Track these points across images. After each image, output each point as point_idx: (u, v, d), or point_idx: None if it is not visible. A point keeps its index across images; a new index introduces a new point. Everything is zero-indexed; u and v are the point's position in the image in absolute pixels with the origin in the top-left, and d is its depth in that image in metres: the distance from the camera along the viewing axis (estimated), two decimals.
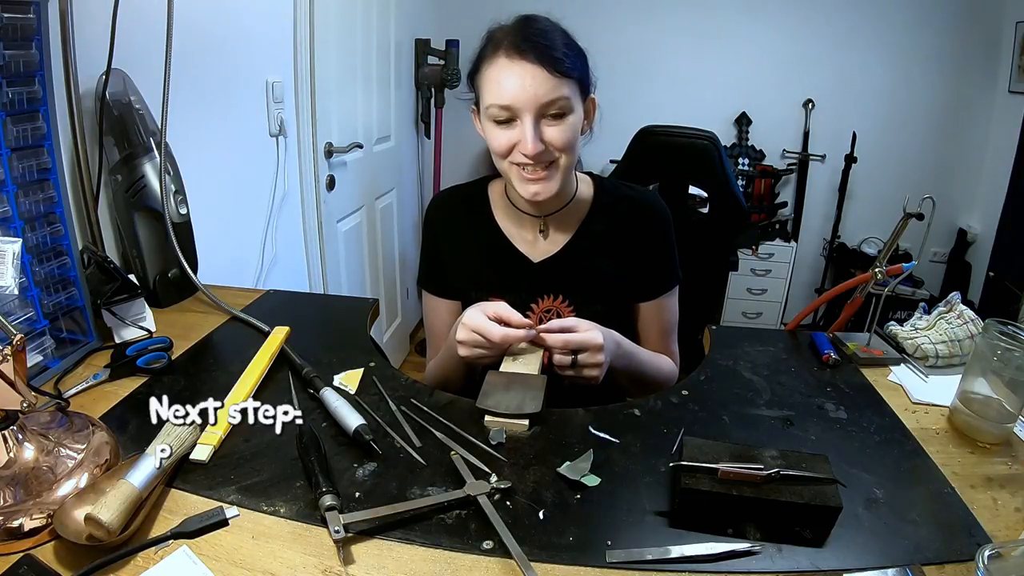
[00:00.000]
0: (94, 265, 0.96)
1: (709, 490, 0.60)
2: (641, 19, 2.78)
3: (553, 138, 0.84)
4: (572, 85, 0.83)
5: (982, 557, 0.52)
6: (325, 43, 1.80)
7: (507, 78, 0.82)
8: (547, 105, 0.82)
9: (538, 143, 0.83)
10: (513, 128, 0.84)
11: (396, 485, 0.66)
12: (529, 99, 0.81)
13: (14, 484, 0.60)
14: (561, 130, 0.84)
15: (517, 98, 0.82)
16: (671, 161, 1.70)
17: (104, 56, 1.00)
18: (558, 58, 0.81)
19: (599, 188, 1.02)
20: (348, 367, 0.89)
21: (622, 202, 1.00)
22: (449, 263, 1.03)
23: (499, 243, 1.00)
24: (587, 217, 1.00)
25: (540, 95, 0.81)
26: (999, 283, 2.48)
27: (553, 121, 0.84)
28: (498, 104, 0.83)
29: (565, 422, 0.78)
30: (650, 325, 1.05)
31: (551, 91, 0.81)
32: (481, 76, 0.86)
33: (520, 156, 0.85)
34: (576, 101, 0.85)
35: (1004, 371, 0.77)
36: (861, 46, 2.71)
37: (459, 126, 2.93)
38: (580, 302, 0.98)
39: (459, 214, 1.04)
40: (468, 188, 1.07)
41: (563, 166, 0.88)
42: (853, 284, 1.04)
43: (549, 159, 0.86)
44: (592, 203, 1.00)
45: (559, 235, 1.00)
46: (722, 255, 1.87)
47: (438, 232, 1.05)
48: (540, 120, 0.83)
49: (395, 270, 2.66)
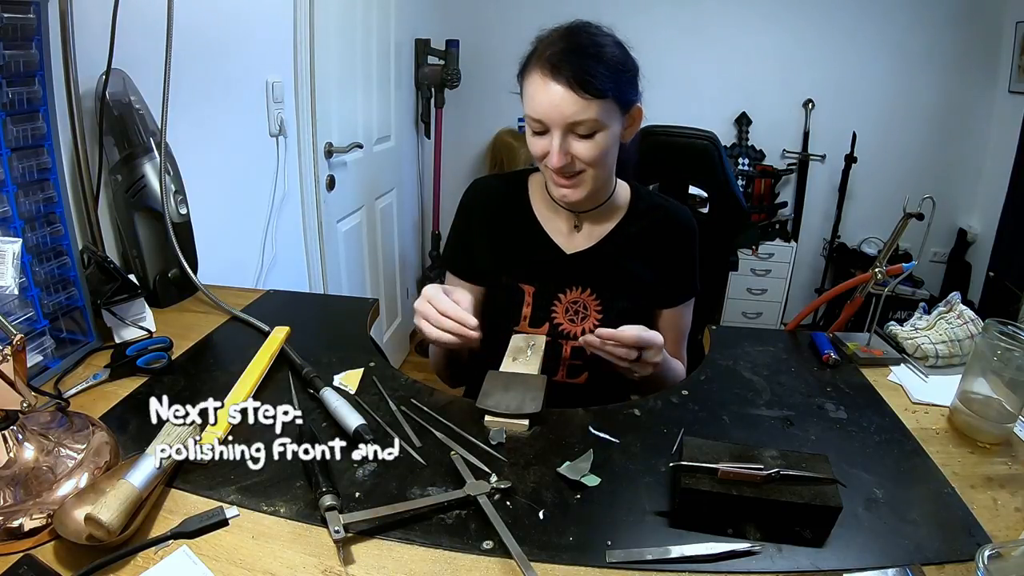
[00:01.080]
0: (94, 265, 0.96)
1: (709, 490, 0.60)
2: (641, 19, 2.77)
3: (580, 153, 0.87)
4: (605, 104, 0.85)
5: (982, 557, 0.52)
6: (325, 43, 1.80)
7: (539, 94, 0.85)
8: (575, 124, 0.85)
9: (563, 157, 0.86)
10: (544, 138, 0.88)
11: (396, 485, 0.66)
12: (557, 118, 0.84)
13: (14, 484, 0.60)
14: (589, 146, 0.86)
15: (547, 115, 0.85)
16: (671, 161, 1.70)
17: (104, 56, 1.00)
18: (590, 80, 0.82)
19: (635, 194, 1.05)
20: (348, 367, 0.89)
21: (657, 210, 1.03)
22: (481, 247, 1.05)
23: (534, 231, 1.03)
24: (623, 220, 1.03)
25: (568, 115, 0.84)
26: (999, 283, 2.48)
27: (581, 138, 0.86)
28: (531, 116, 0.87)
29: (565, 422, 0.78)
30: (667, 331, 1.06)
31: (579, 112, 0.83)
32: (524, 82, 0.89)
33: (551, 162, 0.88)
34: (610, 118, 0.86)
35: (1004, 371, 0.77)
36: (861, 46, 2.71)
37: (459, 126, 2.93)
38: (607, 297, 1.00)
39: (497, 199, 1.06)
40: (508, 177, 1.11)
41: (591, 177, 0.90)
42: (853, 284, 1.04)
43: (576, 171, 0.89)
44: (629, 207, 1.03)
45: (593, 232, 1.02)
46: (722, 255, 1.87)
47: (473, 215, 1.06)
48: (568, 135, 0.86)
49: (395, 270, 2.66)
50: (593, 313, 1.00)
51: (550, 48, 0.85)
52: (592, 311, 1.00)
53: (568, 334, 0.99)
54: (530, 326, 1.01)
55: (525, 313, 1.01)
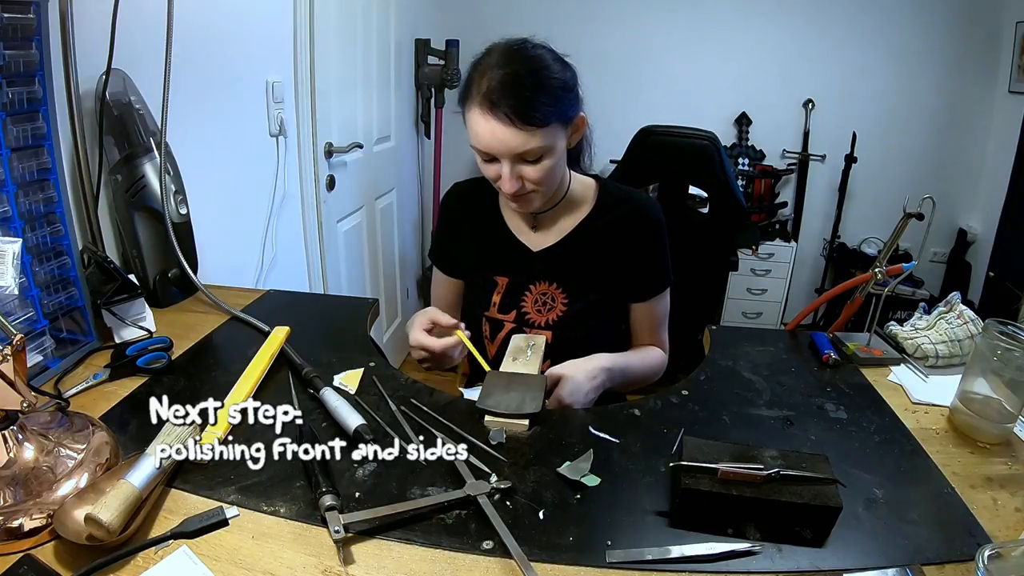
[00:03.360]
0: (94, 265, 0.96)
1: (709, 490, 0.60)
2: (641, 19, 2.78)
3: (530, 176, 0.90)
4: (548, 130, 0.87)
5: (982, 557, 0.52)
6: (325, 43, 1.80)
7: (482, 130, 0.87)
8: (521, 154, 0.87)
9: (514, 183, 0.90)
10: (494, 164, 0.90)
11: (396, 485, 0.66)
12: (502, 150, 0.87)
13: (14, 484, 0.60)
14: (536, 170, 0.89)
15: (492, 148, 0.88)
16: (671, 161, 1.70)
17: (104, 56, 1.00)
18: (529, 114, 0.84)
19: (602, 189, 1.07)
20: (348, 367, 0.89)
21: (623, 204, 1.05)
22: (460, 246, 1.12)
23: (502, 232, 1.08)
24: (589, 215, 1.05)
25: (512, 148, 0.86)
26: (999, 283, 2.48)
27: (529, 163, 0.89)
28: (477, 147, 0.90)
29: (565, 422, 0.78)
30: (641, 322, 1.09)
31: (523, 143, 0.86)
32: (465, 112, 0.91)
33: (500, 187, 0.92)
34: (555, 138, 0.89)
35: (1004, 371, 0.77)
36: (861, 46, 2.71)
37: (459, 126, 2.87)
38: (573, 290, 1.03)
39: (471, 203, 1.12)
40: (481, 180, 1.12)
41: (541, 193, 0.94)
42: (853, 284, 1.04)
43: (526, 191, 0.93)
44: (596, 203, 1.06)
45: (554, 228, 1.06)
46: (722, 255, 1.88)
47: (453, 217, 1.13)
48: (517, 162, 0.89)
49: (395, 270, 2.65)
50: (559, 305, 1.03)
51: (487, 80, 0.85)
52: (559, 303, 1.04)
53: (534, 323, 1.04)
54: (499, 312, 1.05)
55: (495, 300, 1.05)
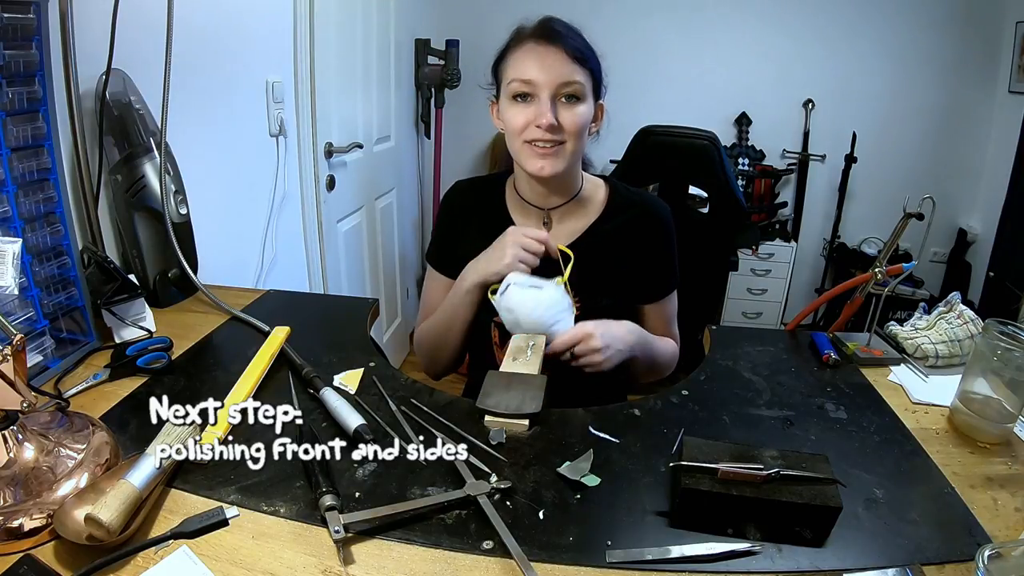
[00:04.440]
0: (94, 265, 0.96)
1: (709, 490, 0.60)
2: (641, 19, 2.78)
3: (565, 120, 0.92)
4: (587, 76, 0.92)
5: (982, 557, 0.52)
6: (325, 43, 1.80)
7: (532, 58, 0.91)
8: (564, 85, 0.90)
9: (552, 118, 0.90)
10: (530, 105, 0.92)
11: (396, 485, 0.66)
12: (549, 78, 0.90)
13: (14, 484, 0.60)
14: (573, 114, 0.92)
15: (539, 75, 0.90)
16: (671, 161, 1.70)
17: (104, 56, 1.00)
18: (578, 47, 0.91)
19: (613, 190, 1.07)
20: (348, 367, 0.89)
21: (632, 207, 1.05)
22: (461, 245, 1.06)
23: None
24: (600, 217, 1.04)
25: (559, 75, 0.90)
26: (999, 283, 2.48)
27: (567, 104, 0.92)
28: (520, 78, 0.91)
29: (565, 422, 0.78)
30: (652, 321, 1.08)
31: (569, 73, 0.90)
32: (506, 62, 0.95)
33: (533, 132, 0.92)
34: (589, 92, 0.93)
35: (1004, 371, 0.77)
36: (861, 46, 2.71)
37: (459, 126, 2.92)
38: (586, 294, 1.01)
39: (475, 201, 1.10)
40: (487, 179, 1.15)
41: (569, 150, 0.94)
42: (853, 284, 1.04)
43: (559, 138, 0.93)
44: (606, 205, 1.05)
45: (568, 230, 1.04)
46: (722, 255, 1.88)
47: (454, 215, 1.11)
48: (555, 100, 0.91)
49: (395, 270, 2.66)
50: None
51: (536, 27, 0.93)
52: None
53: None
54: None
55: None
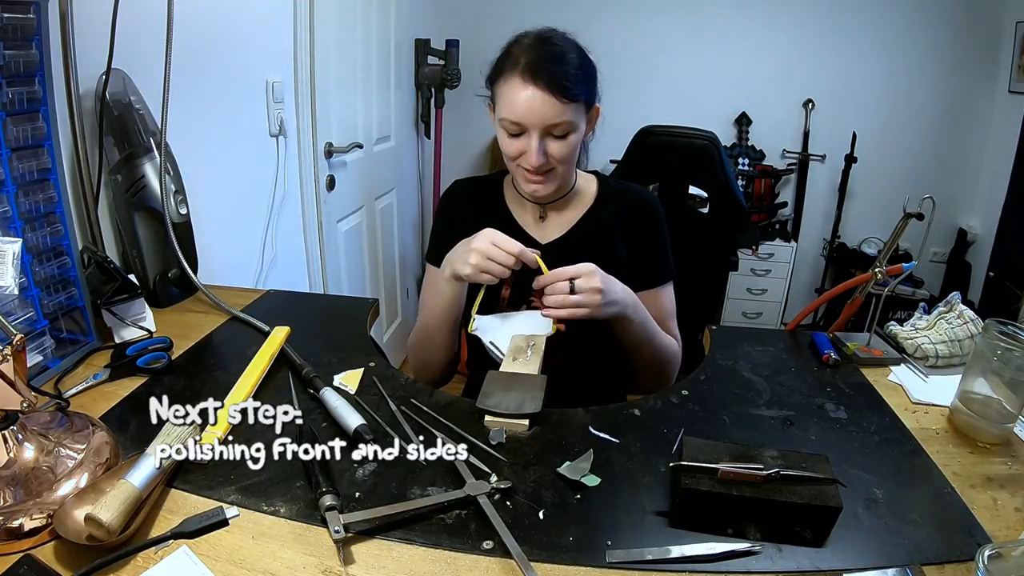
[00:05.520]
0: (94, 265, 0.96)
1: (709, 490, 0.60)
2: (641, 19, 2.78)
3: (555, 152, 0.94)
4: (577, 107, 0.92)
5: (982, 557, 0.52)
6: (325, 43, 1.80)
7: (520, 99, 0.90)
8: (553, 126, 0.92)
9: (541, 157, 0.93)
10: (521, 139, 0.94)
11: (396, 485, 0.66)
12: (537, 120, 0.91)
13: (14, 484, 0.60)
14: (562, 146, 0.94)
15: (527, 118, 0.91)
16: (671, 161, 1.69)
17: (104, 56, 1.00)
18: (567, 86, 0.89)
19: (603, 183, 1.12)
20: (348, 367, 0.89)
21: (621, 195, 1.10)
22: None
23: (510, 226, 1.08)
24: (591, 207, 1.09)
25: (547, 118, 0.90)
26: (999, 283, 2.48)
27: (556, 139, 0.93)
28: (510, 119, 0.92)
29: (565, 422, 0.78)
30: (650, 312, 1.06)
31: (557, 115, 0.90)
32: (498, 87, 0.95)
33: (525, 162, 0.95)
34: (580, 119, 0.94)
35: (1004, 371, 0.77)
36: (861, 46, 2.71)
37: (459, 126, 2.92)
38: None
39: (474, 199, 1.14)
40: (485, 178, 1.18)
41: (560, 173, 0.98)
42: (853, 284, 1.04)
43: (549, 168, 0.96)
44: (597, 196, 1.10)
45: (562, 221, 1.08)
46: (722, 255, 1.87)
47: (453, 214, 1.13)
48: (545, 136, 0.93)
49: (395, 270, 2.66)
50: None
51: (526, 56, 0.90)
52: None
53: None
54: (509, 307, 1.05)
55: (504, 295, 1.05)
